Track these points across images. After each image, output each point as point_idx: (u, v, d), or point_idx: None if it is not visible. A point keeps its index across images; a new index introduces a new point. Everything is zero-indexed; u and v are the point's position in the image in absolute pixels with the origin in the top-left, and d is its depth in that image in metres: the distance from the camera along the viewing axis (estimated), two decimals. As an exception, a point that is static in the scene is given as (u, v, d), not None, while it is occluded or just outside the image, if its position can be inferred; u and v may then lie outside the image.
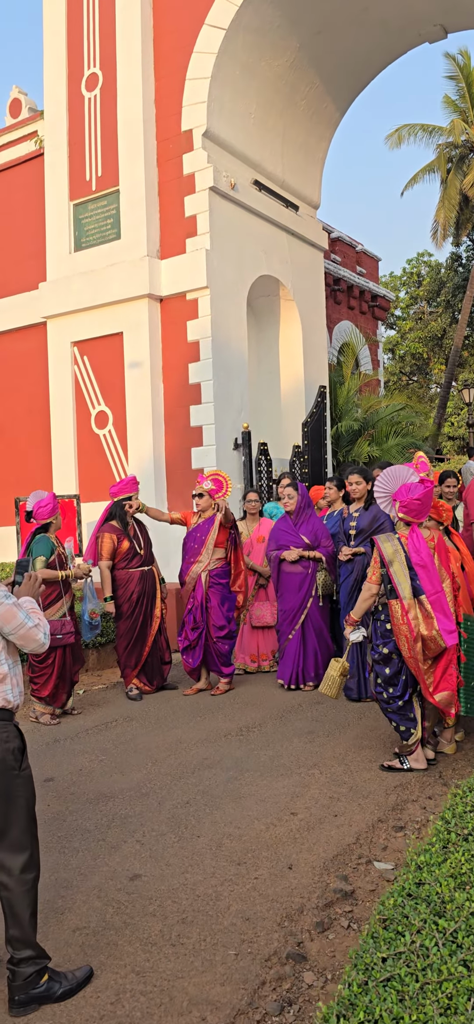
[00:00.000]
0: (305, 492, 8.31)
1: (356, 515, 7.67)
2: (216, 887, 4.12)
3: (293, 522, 8.21)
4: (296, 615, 8.10)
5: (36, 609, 3.44)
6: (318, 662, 8.04)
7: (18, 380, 13.16)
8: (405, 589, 5.40)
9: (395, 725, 5.63)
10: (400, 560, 5.48)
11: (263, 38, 11.72)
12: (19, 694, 3.49)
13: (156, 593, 8.42)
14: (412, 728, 5.55)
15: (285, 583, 8.16)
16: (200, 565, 8.20)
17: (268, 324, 13.85)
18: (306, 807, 5.03)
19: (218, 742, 6.52)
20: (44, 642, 3.41)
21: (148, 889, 4.17)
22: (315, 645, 8.07)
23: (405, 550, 5.49)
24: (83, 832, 4.93)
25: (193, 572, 8.22)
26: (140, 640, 8.33)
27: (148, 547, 8.49)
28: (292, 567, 8.09)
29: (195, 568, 8.21)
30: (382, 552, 5.53)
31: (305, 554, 8.04)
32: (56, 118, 12.40)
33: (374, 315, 20.55)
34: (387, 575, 5.50)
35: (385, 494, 5.76)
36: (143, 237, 11.48)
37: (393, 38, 12.96)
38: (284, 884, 4.09)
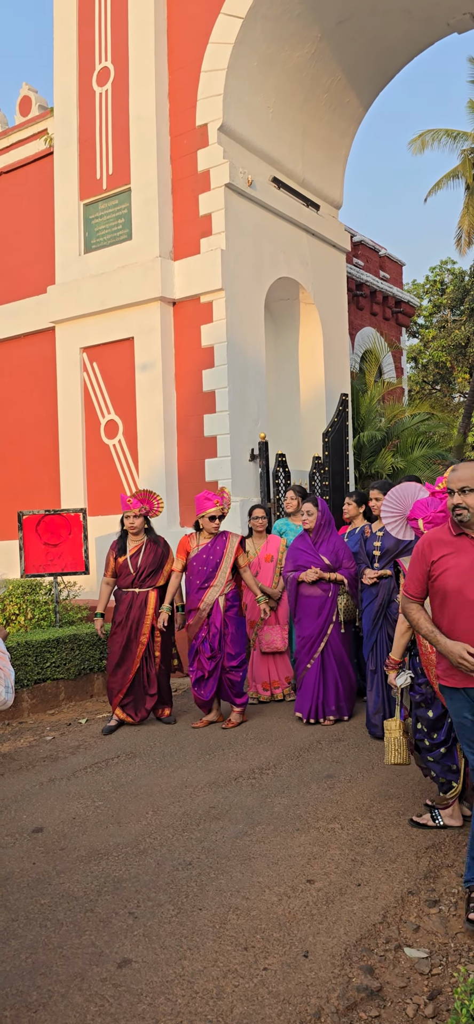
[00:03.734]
0: (326, 508, 7.59)
1: (380, 534, 6.98)
2: (218, 980, 3.47)
3: (312, 540, 7.50)
4: (315, 642, 7.38)
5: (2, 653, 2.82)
6: (339, 693, 7.37)
7: (25, 388, 12.62)
8: None
9: (434, 776, 4.94)
10: None
11: (283, 27, 11.13)
12: None
13: (144, 617, 7.68)
14: (454, 780, 4.86)
15: (303, 607, 7.47)
16: (216, 590, 7.51)
17: (287, 328, 13.22)
18: (325, 872, 4.36)
19: (227, 787, 5.86)
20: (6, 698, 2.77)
21: (138, 980, 3.52)
22: (335, 675, 7.37)
23: None
24: (70, 899, 4.30)
25: (209, 598, 7.50)
26: (122, 664, 7.70)
27: (150, 568, 7.74)
28: (311, 589, 7.38)
29: (211, 593, 7.51)
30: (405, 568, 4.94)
31: (325, 576, 7.32)
32: (66, 115, 11.89)
33: (398, 321, 19.88)
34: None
35: (396, 516, 5.18)
36: (155, 237, 10.91)
37: (419, 28, 12.32)
38: (298, 978, 3.43)
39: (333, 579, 7.33)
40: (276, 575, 8.32)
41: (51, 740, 7.53)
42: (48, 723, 8.17)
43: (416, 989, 3.32)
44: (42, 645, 8.63)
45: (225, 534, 7.65)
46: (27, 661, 8.46)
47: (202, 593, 7.50)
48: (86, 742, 7.36)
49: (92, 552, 10.91)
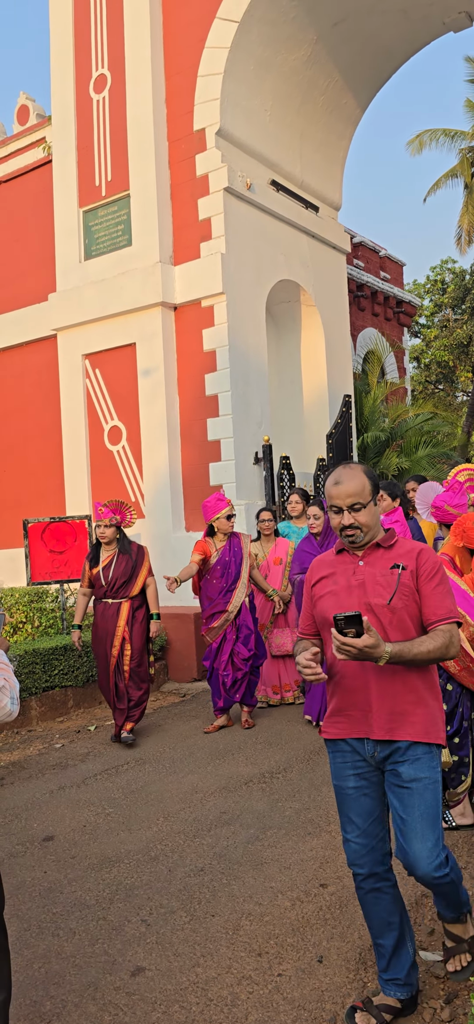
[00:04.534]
0: None
1: None
2: (232, 987, 3.45)
3: (319, 544, 7.44)
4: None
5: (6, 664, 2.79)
6: None
7: (28, 396, 12.62)
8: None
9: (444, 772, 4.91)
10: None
11: (278, 30, 11.13)
12: None
13: (116, 628, 7.42)
14: (464, 774, 4.83)
15: None
16: (242, 591, 7.57)
17: (289, 331, 13.20)
18: (337, 876, 4.34)
19: (238, 791, 5.84)
20: (12, 709, 2.74)
21: (152, 988, 3.50)
22: None
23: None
24: (82, 907, 4.28)
25: (237, 600, 7.54)
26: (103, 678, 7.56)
27: (121, 579, 7.44)
28: None
29: (238, 595, 7.55)
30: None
31: None
32: (64, 123, 11.89)
33: (399, 321, 19.85)
34: None
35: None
36: (155, 243, 10.90)
37: (415, 27, 12.31)
38: (313, 984, 3.41)
39: None
40: (285, 578, 8.29)
41: (60, 747, 7.51)
42: (57, 730, 8.16)
43: (432, 993, 3.29)
44: (49, 653, 8.62)
45: (237, 535, 7.70)
46: (35, 669, 8.45)
47: (230, 596, 7.53)
48: (95, 749, 7.34)
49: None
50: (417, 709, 2.99)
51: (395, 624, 2.97)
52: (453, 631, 2.96)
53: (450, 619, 2.97)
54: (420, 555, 3.04)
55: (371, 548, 3.09)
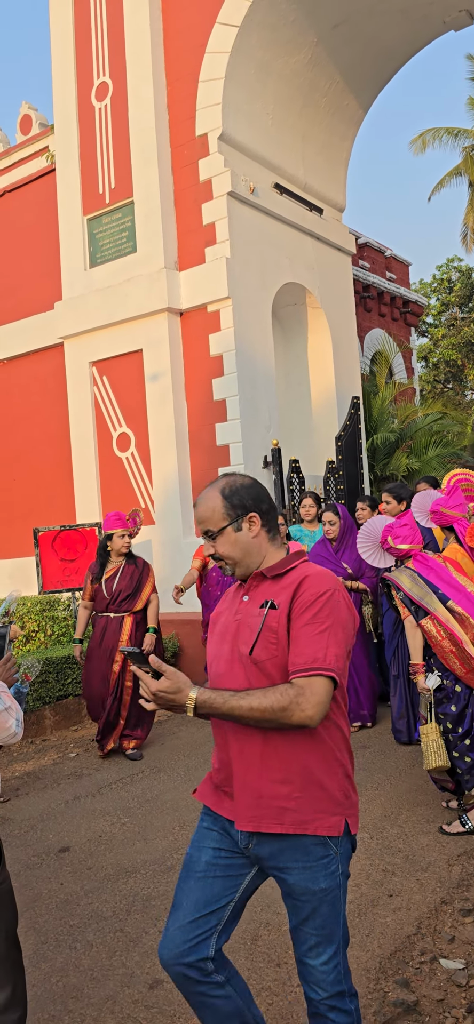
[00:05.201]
0: (347, 515, 7.50)
1: None
2: (251, 999, 3.41)
3: (335, 549, 7.37)
4: None
5: (6, 691, 2.78)
6: (360, 700, 7.30)
7: (36, 405, 12.63)
8: (432, 600, 4.89)
9: (460, 772, 4.88)
10: (414, 579, 5.03)
11: (278, 34, 11.11)
12: None
13: (118, 644, 7.10)
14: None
15: None
16: None
17: (295, 334, 13.17)
18: (356, 884, 4.30)
19: (253, 798, 5.81)
20: (17, 731, 2.71)
21: (170, 1002, 3.48)
22: (356, 684, 7.28)
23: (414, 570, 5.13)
24: (99, 919, 4.27)
25: None
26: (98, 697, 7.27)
27: (125, 592, 7.25)
28: None
29: None
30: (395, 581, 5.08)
31: (348, 584, 7.16)
32: (67, 131, 11.90)
33: (406, 321, 19.79)
34: (407, 598, 4.92)
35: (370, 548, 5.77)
36: (160, 248, 10.89)
37: (416, 27, 12.27)
38: (333, 994, 3.38)
39: (355, 588, 7.24)
40: None
41: (75, 757, 7.50)
42: (71, 739, 8.15)
43: (454, 1002, 3.26)
44: (62, 662, 8.61)
45: None
46: (48, 678, 8.45)
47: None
48: (112, 758, 7.32)
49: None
50: (299, 792, 2.33)
51: (263, 681, 2.33)
52: (307, 688, 2.21)
53: (310, 671, 2.22)
54: (301, 584, 2.35)
55: (256, 579, 2.47)
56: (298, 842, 2.34)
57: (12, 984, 2.69)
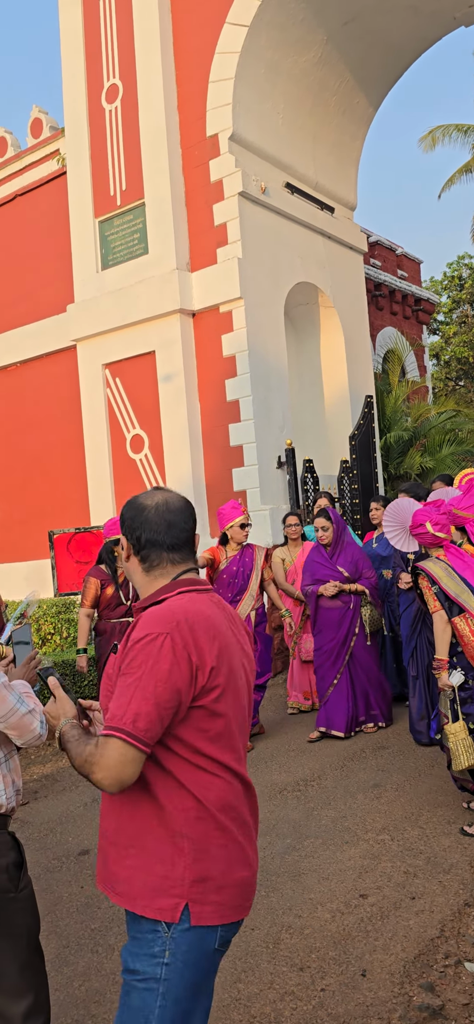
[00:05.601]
0: (339, 519, 7.43)
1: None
2: (275, 1003, 3.40)
3: (329, 554, 7.30)
4: (338, 656, 7.14)
5: (30, 693, 2.77)
6: (370, 703, 7.20)
7: (49, 407, 12.65)
8: (469, 598, 4.81)
9: None
10: (449, 573, 4.93)
11: (288, 33, 11.09)
12: (14, 794, 2.80)
13: None
14: None
15: (323, 619, 7.23)
16: (248, 603, 7.25)
17: (308, 333, 13.14)
18: (377, 886, 4.28)
19: (273, 800, 5.79)
20: (41, 732, 2.71)
21: (194, 1006, 3.46)
22: (365, 686, 7.17)
23: (448, 563, 4.99)
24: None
25: (241, 611, 7.17)
26: None
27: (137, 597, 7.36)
28: (331, 602, 7.16)
29: (243, 606, 7.22)
30: (430, 572, 4.95)
31: (345, 588, 7.12)
32: (77, 134, 11.91)
33: (418, 319, 19.74)
34: (442, 593, 4.84)
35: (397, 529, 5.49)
36: (171, 250, 10.89)
37: (425, 23, 12.21)
38: (357, 999, 3.36)
39: (354, 590, 7.16)
40: None
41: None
42: (87, 744, 8.13)
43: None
44: (78, 665, 8.59)
45: (251, 546, 7.48)
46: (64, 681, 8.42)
47: (234, 607, 7.12)
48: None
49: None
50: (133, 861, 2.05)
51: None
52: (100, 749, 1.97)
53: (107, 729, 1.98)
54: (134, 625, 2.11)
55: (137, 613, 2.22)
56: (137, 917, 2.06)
57: (35, 990, 2.69)
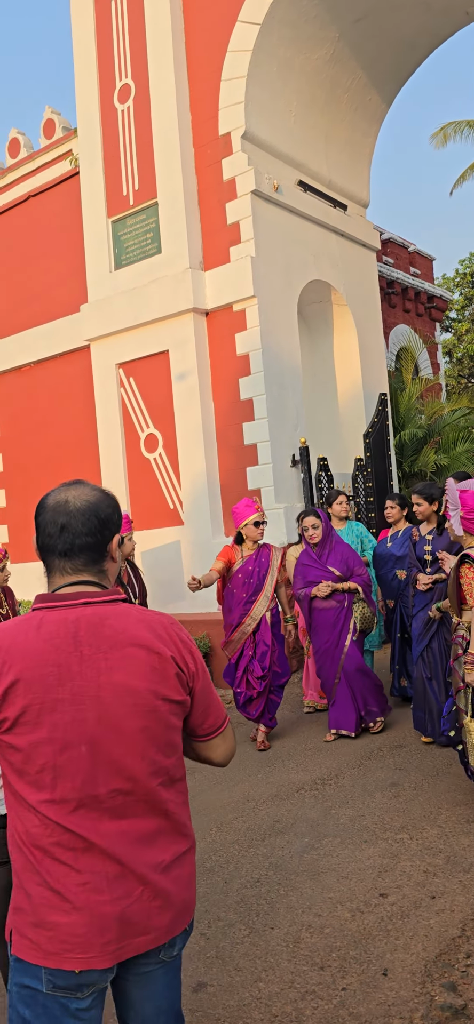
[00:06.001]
0: (326, 519, 7.34)
1: (430, 537, 6.68)
2: (296, 1003, 3.40)
3: (317, 555, 7.20)
4: (335, 654, 7.07)
5: None
6: (367, 700, 7.06)
7: (63, 407, 12.67)
8: None
9: None
10: None
11: (300, 31, 11.06)
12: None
13: None
14: None
15: (318, 621, 7.16)
16: (263, 604, 7.16)
17: (321, 332, 13.12)
18: (397, 886, 4.27)
19: (290, 799, 5.78)
20: None
21: (215, 1004, 3.47)
22: (361, 686, 7.03)
23: None
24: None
25: (256, 612, 7.14)
26: None
27: (144, 595, 7.36)
28: (325, 603, 7.08)
29: (258, 607, 7.14)
30: None
31: (338, 587, 7.04)
32: (90, 134, 11.92)
33: (431, 316, 19.66)
34: None
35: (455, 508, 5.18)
36: (184, 249, 10.88)
37: (438, 19, 12.16)
38: (379, 998, 3.35)
39: (347, 589, 7.07)
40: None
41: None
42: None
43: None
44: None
45: (268, 546, 7.38)
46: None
47: (249, 607, 7.16)
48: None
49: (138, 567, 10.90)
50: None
51: None
52: None
53: None
54: None
55: None
56: None
57: None
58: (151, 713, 1.99)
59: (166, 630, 2.08)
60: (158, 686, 2.00)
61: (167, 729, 2.03)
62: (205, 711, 2.16)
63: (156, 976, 2.08)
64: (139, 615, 2.08)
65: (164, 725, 2.02)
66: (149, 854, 2.00)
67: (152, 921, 1.99)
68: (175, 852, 2.05)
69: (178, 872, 2.05)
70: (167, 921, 2.02)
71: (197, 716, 2.15)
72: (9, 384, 13.45)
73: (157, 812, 2.01)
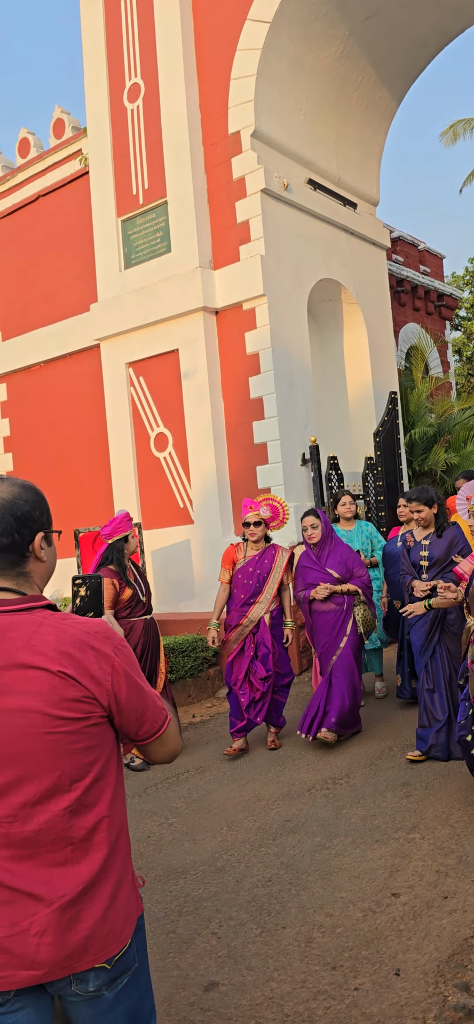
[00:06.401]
0: (327, 520, 7.16)
1: (426, 542, 6.36)
2: (308, 1003, 3.39)
3: (316, 555, 7.05)
4: (328, 654, 6.96)
5: None
6: (343, 709, 6.78)
7: (74, 406, 12.70)
8: None
9: None
10: None
11: (310, 29, 11.05)
12: None
13: (160, 645, 7.25)
14: None
15: (318, 623, 7.02)
16: (261, 606, 7.04)
17: (331, 330, 13.10)
18: (409, 885, 4.26)
19: (301, 798, 5.78)
20: None
21: (226, 1004, 3.46)
22: (342, 688, 6.83)
23: None
24: (151, 920, 4.26)
25: (253, 615, 7.04)
26: None
27: (149, 594, 7.34)
28: (324, 605, 6.95)
29: (256, 610, 7.04)
30: None
31: (337, 589, 6.89)
32: (99, 134, 11.94)
33: (441, 315, 19.60)
34: None
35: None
36: (194, 248, 10.88)
37: (447, 17, 12.13)
38: (391, 998, 3.34)
39: (346, 591, 6.93)
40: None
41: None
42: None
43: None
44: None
45: (274, 547, 7.22)
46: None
47: (247, 609, 7.06)
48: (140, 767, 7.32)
49: (149, 566, 10.93)
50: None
51: None
52: None
53: None
54: None
55: None
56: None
57: None
58: (47, 736, 1.85)
59: (78, 644, 1.91)
60: (54, 708, 1.86)
61: (71, 754, 1.89)
62: (139, 719, 2.01)
63: (80, 1008, 1.97)
64: (51, 626, 1.92)
65: (65, 750, 1.88)
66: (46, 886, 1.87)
67: (39, 955, 1.86)
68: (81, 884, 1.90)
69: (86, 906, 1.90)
70: (61, 956, 1.87)
71: (130, 725, 2.01)
72: (19, 383, 13.49)
73: (61, 841, 1.89)
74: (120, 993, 1.98)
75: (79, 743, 1.90)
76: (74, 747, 1.89)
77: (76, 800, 1.90)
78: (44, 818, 1.87)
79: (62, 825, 1.88)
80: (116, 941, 1.95)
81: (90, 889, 1.91)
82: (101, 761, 1.95)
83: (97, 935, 1.91)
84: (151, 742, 2.06)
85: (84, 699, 1.89)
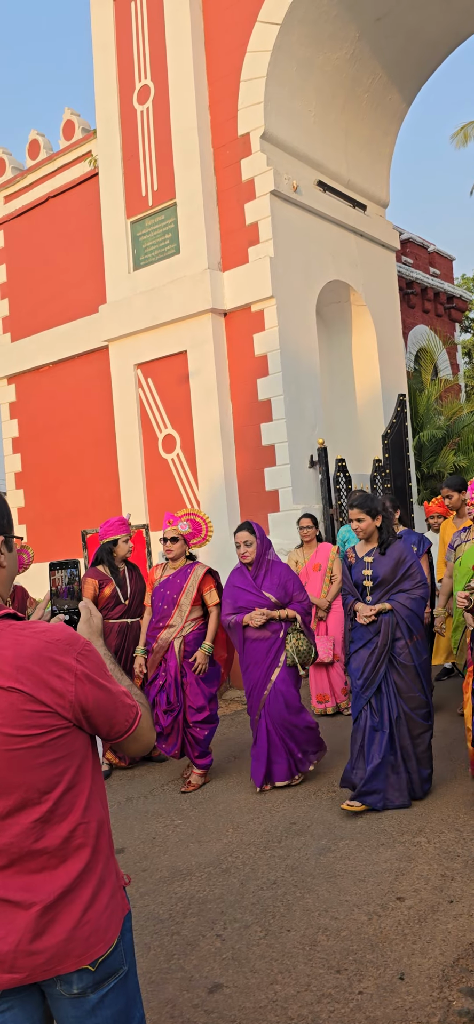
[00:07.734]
0: (263, 535, 6.28)
1: (369, 560, 5.58)
2: (312, 1006, 3.38)
3: (253, 575, 6.17)
4: (262, 690, 6.12)
5: None
6: (291, 749, 6.07)
7: (82, 407, 12.72)
8: None
9: None
10: None
11: (320, 30, 11.05)
12: None
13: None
14: None
15: (250, 653, 6.14)
16: (171, 630, 6.38)
17: (339, 332, 13.09)
18: (414, 889, 4.24)
19: (307, 801, 5.77)
20: None
21: (230, 1006, 3.46)
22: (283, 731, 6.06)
23: None
24: (156, 922, 4.26)
25: (162, 639, 6.41)
26: None
27: (136, 597, 7.13)
28: (258, 632, 6.07)
29: (165, 635, 6.41)
30: None
31: (274, 615, 6.05)
32: (109, 135, 11.96)
33: (451, 317, 19.55)
34: None
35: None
36: (203, 249, 10.89)
37: (458, 18, 12.12)
38: (395, 1002, 3.33)
39: (284, 617, 6.10)
40: (325, 583, 7.95)
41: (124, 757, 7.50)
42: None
43: None
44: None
45: (193, 564, 6.55)
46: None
47: (156, 633, 6.47)
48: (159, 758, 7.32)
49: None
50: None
51: None
52: None
53: None
54: None
55: None
56: None
57: None
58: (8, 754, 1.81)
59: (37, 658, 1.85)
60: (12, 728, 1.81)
61: (37, 767, 1.84)
62: (109, 721, 1.96)
63: (64, 1007, 1.97)
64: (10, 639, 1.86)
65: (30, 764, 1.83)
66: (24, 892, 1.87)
67: (19, 960, 1.86)
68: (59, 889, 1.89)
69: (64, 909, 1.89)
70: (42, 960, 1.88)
71: (100, 728, 1.97)
72: (28, 384, 13.52)
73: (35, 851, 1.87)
74: (105, 997, 1.97)
75: (44, 756, 1.86)
76: (39, 761, 1.85)
77: (48, 811, 1.87)
78: (15, 831, 1.85)
79: (34, 836, 1.87)
80: (101, 942, 1.94)
81: (69, 892, 1.90)
82: (72, 769, 1.92)
83: (78, 936, 1.90)
84: (123, 740, 2.03)
85: (44, 713, 1.84)
